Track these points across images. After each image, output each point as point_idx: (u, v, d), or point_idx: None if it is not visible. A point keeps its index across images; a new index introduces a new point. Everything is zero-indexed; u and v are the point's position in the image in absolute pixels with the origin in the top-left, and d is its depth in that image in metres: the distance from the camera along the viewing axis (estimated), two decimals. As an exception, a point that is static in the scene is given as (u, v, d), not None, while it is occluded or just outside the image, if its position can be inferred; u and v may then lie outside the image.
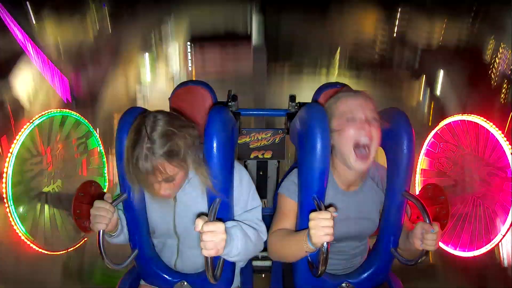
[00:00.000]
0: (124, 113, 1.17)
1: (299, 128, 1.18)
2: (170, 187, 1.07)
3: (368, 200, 1.24)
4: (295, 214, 1.20)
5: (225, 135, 1.06)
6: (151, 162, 0.97)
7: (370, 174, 1.28)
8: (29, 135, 1.41)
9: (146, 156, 0.97)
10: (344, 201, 1.21)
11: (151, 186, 1.05)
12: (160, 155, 0.97)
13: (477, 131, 1.51)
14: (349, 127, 1.11)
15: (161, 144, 0.98)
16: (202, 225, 0.93)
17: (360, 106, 1.13)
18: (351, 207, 1.22)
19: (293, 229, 1.19)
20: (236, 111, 1.68)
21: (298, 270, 1.19)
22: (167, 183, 1.05)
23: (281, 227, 1.21)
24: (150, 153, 0.97)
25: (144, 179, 1.02)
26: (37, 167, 1.46)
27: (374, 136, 1.11)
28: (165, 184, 1.05)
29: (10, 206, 1.35)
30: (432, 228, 1.05)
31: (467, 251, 1.52)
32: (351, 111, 1.12)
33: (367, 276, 1.24)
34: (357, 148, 1.11)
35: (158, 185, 1.04)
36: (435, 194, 1.43)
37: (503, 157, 1.41)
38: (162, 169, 0.99)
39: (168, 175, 1.02)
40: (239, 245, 1.04)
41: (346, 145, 1.12)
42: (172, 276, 1.24)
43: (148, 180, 1.03)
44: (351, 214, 1.22)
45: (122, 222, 1.20)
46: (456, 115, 1.60)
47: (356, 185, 1.25)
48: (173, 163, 1.00)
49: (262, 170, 1.84)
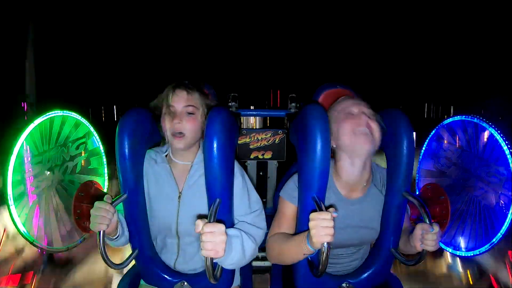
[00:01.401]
0: (124, 114, 1.17)
1: (299, 128, 1.19)
2: (187, 123, 1.17)
3: (370, 209, 1.23)
4: (294, 218, 1.20)
5: (225, 135, 1.06)
6: (185, 88, 1.20)
7: (374, 179, 1.27)
8: (30, 135, 1.41)
9: (183, 84, 1.21)
10: (346, 209, 1.21)
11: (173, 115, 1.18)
12: (193, 86, 1.22)
13: (477, 131, 1.51)
14: (347, 119, 1.17)
15: (194, 83, 1.25)
16: (203, 226, 0.93)
17: (356, 103, 1.20)
18: (353, 215, 1.22)
19: (292, 233, 1.19)
20: (236, 111, 1.68)
21: (298, 270, 1.19)
22: (188, 116, 1.18)
23: (280, 231, 1.21)
24: (186, 84, 1.22)
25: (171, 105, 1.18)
26: (37, 167, 1.46)
27: (373, 127, 1.15)
28: (186, 117, 1.17)
29: (11, 206, 1.35)
30: (432, 227, 1.05)
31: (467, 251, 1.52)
32: (348, 107, 1.19)
33: (367, 276, 1.25)
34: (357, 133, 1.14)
35: (180, 115, 1.17)
36: (435, 194, 1.43)
37: (503, 157, 1.41)
38: (192, 96, 1.20)
39: (193, 103, 1.19)
40: (235, 258, 1.05)
41: (346, 135, 1.15)
42: (172, 276, 1.24)
43: (174, 107, 1.18)
44: (352, 222, 1.22)
45: (123, 225, 1.20)
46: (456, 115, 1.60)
47: (360, 192, 1.24)
48: (198, 95, 1.22)
49: (262, 171, 1.85)
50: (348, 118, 1.17)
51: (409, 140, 1.14)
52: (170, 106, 1.19)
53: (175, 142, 1.18)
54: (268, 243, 1.22)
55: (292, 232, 1.20)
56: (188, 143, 1.20)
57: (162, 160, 1.27)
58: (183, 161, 1.25)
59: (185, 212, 1.20)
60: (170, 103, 1.19)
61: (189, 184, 1.22)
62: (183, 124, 1.17)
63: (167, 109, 1.19)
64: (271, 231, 1.24)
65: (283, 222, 1.22)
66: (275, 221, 1.25)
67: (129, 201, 1.17)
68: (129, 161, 1.15)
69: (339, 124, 1.17)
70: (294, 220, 1.20)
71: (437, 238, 1.07)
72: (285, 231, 1.20)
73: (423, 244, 1.08)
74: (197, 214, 1.16)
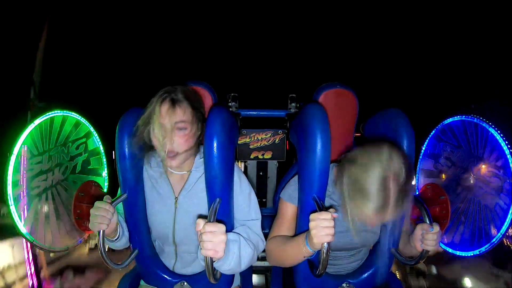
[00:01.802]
0: (124, 114, 1.17)
1: (299, 128, 1.19)
2: (179, 140, 1.08)
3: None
4: (295, 220, 1.20)
5: (225, 135, 1.06)
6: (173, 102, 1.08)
7: None
8: (30, 135, 1.42)
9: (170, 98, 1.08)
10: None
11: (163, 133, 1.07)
12: (182, 98, 1.09)
13: (477, 131, 1.51)
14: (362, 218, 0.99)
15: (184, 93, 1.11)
16: (204, 225, 0.93)
17: (380, 221, 1.00)
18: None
19: (292, 235, 1.19)
20: (236, 111, 1.68)
21: (298, 270, 1.19)
22: (179, 132, 1.08)
23: (280, 233, 1.20)
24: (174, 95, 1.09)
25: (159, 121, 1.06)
26: (37, 167, 1.46)
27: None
28: (177, 133, 1.08)
29: (10, 206, 1.35)
30: (432, 227, 1.05)
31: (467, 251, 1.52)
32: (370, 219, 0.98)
33: (367, 276, 1.25)
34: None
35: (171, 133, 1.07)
36: (435, 194, 1.43)
37: (503, 157, 1.41)
38: (181, 110, 1.08)
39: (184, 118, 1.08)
40: (232, 263, 1.03)
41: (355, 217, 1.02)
42: (172, 277, 1.24)
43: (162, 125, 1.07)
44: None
45: (122, 226, 1.19)
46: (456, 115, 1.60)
47: None
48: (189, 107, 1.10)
49: (262, 171, 1.85)
50: (362, 217, 1.00)
51: (409, 140, 1.14)
52: (159, 123, 1.07)
53: (167, 162, 1.10)
54: (267, 246, 1.21)
55: (292, 234, 1.20)
56: (181, 161, 1.12)
57: (158, 165, 1.20)
58: (179, 171, 1.19)
59: (182, 219, 1.18)
60: (159, 120, 1.06)
61: (186, 190, 1.18)
62: (175, 143, 1.08)
63: (156, 125, 1.07)
64: (271, 233, 1.24)
65: (283, 224, 1.22)
66: (275, 223, 1.25)
67: (129, 201, 1.17)
68: (129, 161, 1.15)
69: (352, 210, 1.00)
70: (294, 221, 1.20)
71: (437, 238, 1.07)
72: (285, 233, 1.20)
73: (423, 244, 1.08)
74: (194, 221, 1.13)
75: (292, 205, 1.20)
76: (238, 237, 1.07)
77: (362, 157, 0.97)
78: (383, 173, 0.92)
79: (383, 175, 0.92)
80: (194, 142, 1.13)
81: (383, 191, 0.92)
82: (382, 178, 0.92)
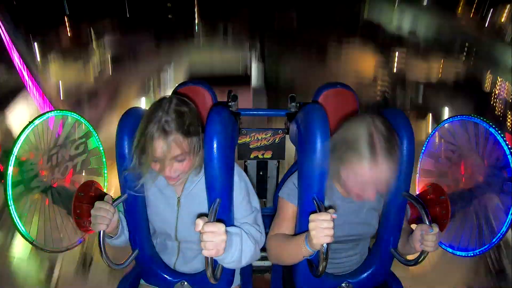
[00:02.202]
0: (124, 114, 1.17)
1: (299, 128, 1.19)
2: (179, 168, 1.07)
3: (367, 205, 1.23)
4: (294, 219, 1.20)
5: (225, 135, 1.06)
6: (166, 137, 1.01)
7: None
8: (29, 135, 1.41)
9: (162, 130, 1.01)
10: (343, 206, 1.21)
11: (161, 166, 1.05)
12: (176, 130, 1.02)
13: (477, 131, 1.51)
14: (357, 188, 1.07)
15: (177, 120, 1.03)
16: (203, 225, 0.93)
17: (374, 182, 1.04)
18: (350, 212, 1.22)
19: (292, 233, 1.19)
20: (236, 111, 1.68)
21: (298, 270, 1.19)
22: (178, 163, 1.06)
23: (281, 231, 1.21)
24: (167, 126, 1.01)
25: (154, 157, 1.04)
26: (37, 167, 1.46)
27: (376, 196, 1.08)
28: (176, 164, 1.06)
29: (10, 206, 1.35)
30: (431, 228, 1.05)
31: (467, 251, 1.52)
32: (362, 180, 1.04)
33: (367, 276, 1.25)
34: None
35: (168, 165, 1.05)
36: (435, 194, 1.43)
37: (503, 158, 1.41)
38: (177, 144, 1.02)
39: (180, 152, 1.04)
40: (235, 255, 1.04)
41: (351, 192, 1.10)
42: (172, 276, 1.24)
43: (158, 159, 1.04)
44: (349, 219, 1.21)
45: (123, 223, 1.20)
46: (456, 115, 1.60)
47: None
48: (186, 139, 1.04)
49: (262, 170, 1.84)
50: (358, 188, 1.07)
51: (409, 140, 1.14)
52: (155, 158, 1.05)
53: (169, 182, 1.12)
54: (268, 243, 1.22)
55: (292, 233, 1.20)
56: (184, 180, 1.16)
57: None
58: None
59: (184, 218, 1.19)
60: (155, 155, 1.04)
61: (188, 189, 1.19)
62: (175, 171, 1.07)
63: (152, 159, 1.05)
64: (271, 231, 1.24)
65: (283, 223, 1.22)
66: (275, 221, 1.25)
67: (129, 201, 1.17)
68: (129, 161, 1.15)
69: (347, 177, 1.07)
70: (294, 220, 1.20)
71: (437, 239, 1.07)
72: (285, 231, 1.21)
73: (422, 245, 1.08)
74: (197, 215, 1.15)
75: (291, 205, 1.20)
76: (240, 230, 1.08)
77: (347, 124, 1.10)
78: (368, 129, 1.03)
79: (368, 130, 1.03)
80: (196, 162, 1.13)
81: (370, 143, 1.02)
82: (367, 132, 1.03)
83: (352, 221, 1.22)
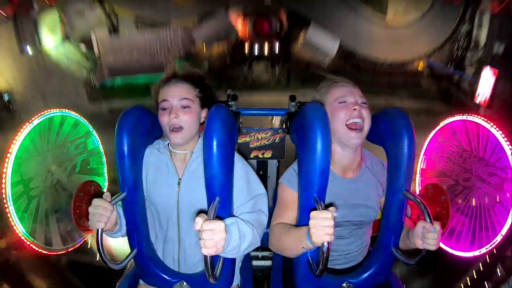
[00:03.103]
0: (123, 113, 1.17)
1: (299, 127, 1.18)
2: (183, 117, 1.18)
3: (366, 187, 1.25)
4: (295, 206, 1.20)
5: (225, 133, 1.06)
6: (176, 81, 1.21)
7: (367, 164, 1.29)
8: (29, 135, 1.41)
9: (174, 75, 1.22)
10: (341, 187, 1.22)
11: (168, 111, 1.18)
12: (185, 78, 1.22)
13: (477, 131, 1.50)
14: (342, 109, 1.19)
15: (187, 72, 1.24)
16: (202, 223, 0.93)
17: (350, 92, 1.22)
18: (349, 193, 1.23)
19: (294, 221, 1.19)
20: (236, 110, 1.68)
21: (298, 270, 1.18)
22: (183, 110, 1.18)
23: (283, 219, 1.21)
24: (178, 73, 1.22)
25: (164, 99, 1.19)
26: (36, 167, 1.46)
27: (365, 116, 1.18)
28: (181, 111, 1.18)
29: (10, 206, 1.34)
30: (433, 227, 1.04)
31: (467, 251, 1.52)
32: (342, 95, 1.21)
33: (368, 275, 1.24)
34: (350, 124, 1.17)
35: (175, 108, 1.18)
36: (435, 194, 1.43)
37: (503, 158, 1.40)
38: (184, 89, 1.20)
39: (186, 95, 1.19)
40: (234, 244, 1.04)
41: (339, 125, 1.18)
42: (171, 277, 1.23)
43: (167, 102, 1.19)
44: (349, 200, 1.22)
45: (121, 219, 1.19)
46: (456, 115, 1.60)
47: (353, 173, 1.26)
48: (191, 87, 1.22)
49: (262, 170, 1.84)
50: (341, 108, 1.19)
51: (409, 140, 1.14)
52: (164, 101, 1.19)
53: (173, 137, 1.19)
54: (270, 232, 1.23)
55: (294, 221, 1.20)
56: (186, 137, 1.20)
57: (164, 147, 1.27)
58: (183, 151, 1.25)
59: (185, 199, 1.20)
60: (164, 97, 1.19)
61: (189, 170, 1.21)
62: (179, 118, 1.17)
63: (162, 104, 1.20)
64: (273, 220, 1.24)
65: (285, 210, 1.22)
66: (277, 209, 1.25)
67: (127, 200, 1.16)
68: (128, 160, 1.15)
69: (332, 111, 1.20)
70: (295, 207, 1.20)
71: (438, 237, 1.06)
72: (287, 219, 1.21)
73: (424, 243, 1.07)
74: (198, 203, 1.16)
75: (292, 191, 1.21)
76: (235, 219, 1.08)
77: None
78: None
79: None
80: (197, 118, 1.22)
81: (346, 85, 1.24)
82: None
83: (353, 203, 1.23)
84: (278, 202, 1.26)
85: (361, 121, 1.17)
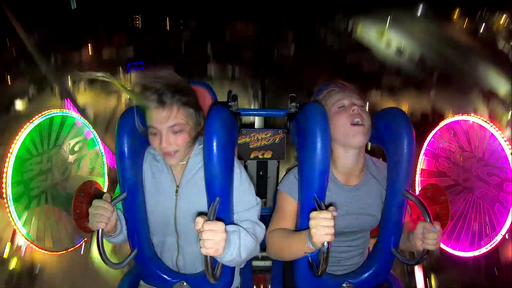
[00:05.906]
0: (123, 113, 1.17)
1: (299, 128, 1.18)
2: (175, 142, 1.09)
3: (369, 195, 1.24)
4: (295, 214, 1.20)
5: (225, 134, 1.06)
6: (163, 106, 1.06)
7: (371, 169, 1.29)
8: (29, 135, 1.41)
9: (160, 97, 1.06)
10: (344, 195, 1.22)
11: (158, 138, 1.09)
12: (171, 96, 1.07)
13: (477, 131, 1.50)
14: (341, 113, 1.20)
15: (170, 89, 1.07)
16: (203, 224, 0.93)
17: (347, 95, 1.23)
18: (352, 202, 1.23)
19: (292, 229, 1.19)
20: (236, 111, 1.68)
21: (299, 270, 1.18)
22: (174, 135, 1.09)
23: (281, 226, 1.21)
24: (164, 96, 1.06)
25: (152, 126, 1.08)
26: (37, 167, 1.46)
27: (364, 117, 1.18)
28: (172, 137, 1.09)
29: (10, 206, 1.34)
30: (433, 227, 1.04)
31: (467, 251, 1.52)
32: (339, 101, 1.22)
33: (368, 276, 1.24)
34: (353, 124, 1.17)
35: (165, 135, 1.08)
36: (435, 194, 1.43)
37: (503, 158, 1.40)
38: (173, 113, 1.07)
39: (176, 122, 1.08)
40: (234, 253, 1.03)
41: (343, 126, 1.18)
42: (171, 277, 1.24)
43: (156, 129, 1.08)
44: (351, 209, 1.22)
45: (122, 222, 1.19)
46: (456, 115, 1.60)
47: (357, 179, 1.25)
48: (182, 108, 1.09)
49: (262, 170, 1.84)
50: (340, 112, 1.20)
51: (409, 140, 1.14)
52: (153, 128, 1.09)
53: (167, 160, 1.14)
54: (268, 238, 1.22)
55: (292, 227, 1.20)
56: (182, 156, 1.15)
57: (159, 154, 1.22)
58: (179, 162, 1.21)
59: (183, 207, 1.18)
60: (151, 124, 1.09)
61: (186, 178, 1.19)
62: (172, 144, 1.10)
63: (150, 129, 1.10)
64: (270, 226, 1.24)
65: (283, 217, 1.22)
66: (275, 215, 1.25)
67: (128, 201, 1.17)
68: (129, 160, 1.15)
69: (332, 118, 1.20)
70: (295, 215, 1.20)
71: (439, 238, 1.06)
72: (285, 226, 1.20)
73: (424, 243, 1.07)
74: (196, 211, 1.14)
75: (291, 199, 1.21)
76: (237, 227, 1.07)
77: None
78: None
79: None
80: (192, 136, 1.15)
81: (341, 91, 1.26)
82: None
83: (354, 212, 1.22)
84: (277, 209, 1.26)
85: (361, 121, 1.17)
